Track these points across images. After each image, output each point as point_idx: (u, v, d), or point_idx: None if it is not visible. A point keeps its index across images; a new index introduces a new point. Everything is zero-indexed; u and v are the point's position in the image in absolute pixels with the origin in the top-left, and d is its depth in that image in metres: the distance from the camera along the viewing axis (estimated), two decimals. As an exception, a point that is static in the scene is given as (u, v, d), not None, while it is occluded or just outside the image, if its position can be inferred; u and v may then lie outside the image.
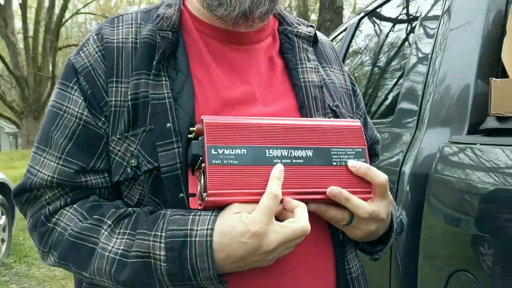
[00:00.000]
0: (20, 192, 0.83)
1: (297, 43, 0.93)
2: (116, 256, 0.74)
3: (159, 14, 0.85)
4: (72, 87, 0.84)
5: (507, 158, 1.00)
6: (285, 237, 0.70)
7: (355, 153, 0.79)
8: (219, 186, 0.71)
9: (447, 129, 1.33)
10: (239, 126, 0.76)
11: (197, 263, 0.70)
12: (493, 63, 1.29)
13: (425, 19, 1.67)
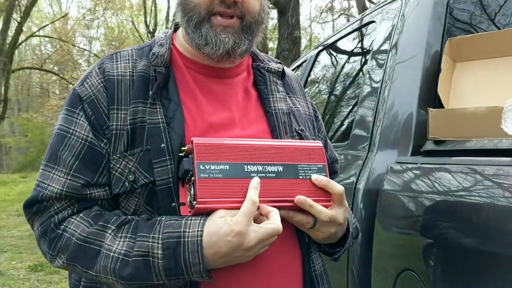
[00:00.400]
0: (31, 204, 0.95)
1: (268, 77, 1.11)
2: (120, 256, 0.87)
3: (154, 53, 1.01)
4: (78, 113, 0.97)
5: (443, 174, 1.20)
6: (262, 236, 0.85)
7: (317, 169, 0.96)
8: (207, 195, 0.87)
9: (394, 151, 1.53)
10: (222, 146, 0.91)
11: (189, 259, 0.84)
12: (431, 95, 1.50)
13: (377, 53, 1.89)
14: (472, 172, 1.10)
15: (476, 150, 1.18)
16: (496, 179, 1.02)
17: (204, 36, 0.96)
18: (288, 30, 7.20)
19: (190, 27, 0.98)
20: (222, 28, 0.96)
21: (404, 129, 1.55)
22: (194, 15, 0.97)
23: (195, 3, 0.97)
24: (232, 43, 0.97)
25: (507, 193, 0.97)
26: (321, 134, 1.19)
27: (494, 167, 1.04)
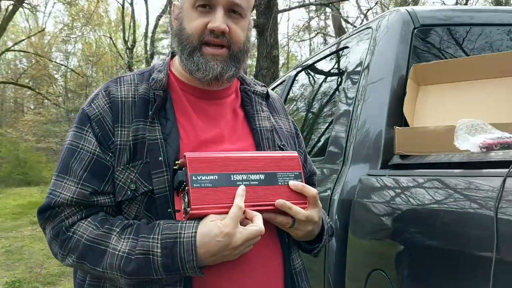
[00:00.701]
0: (45, 210, 1.07)
1: (254, 99, 1.26)
2: (124, 254, 0.99)
3: (153, 78, 1.15)
4: (87, 130, 1.10)
5: (407, 185, 1.37)
6: (247, 236, 0.98)
7: (294, 176, 1.10)
8: (199, 202, 1.00)
9: (366, 164, 1.70)
10: (211, 159, 1.05)
11: (184, 257, 0.97)
12: (398, 115, 1.68)
13: (351, 73, 2.06)
14: (432, 182, 1.27)
15: (435, 163, 1.35)
16: (451, 188, 1.19)
17: (196, 63, 1.11)
18: (267, 49, 7.42)
19: (184, 55, 1.12)
20: (212, 57, 1.11)
21: (374, 145, 1.72)
22: (188, 44, 1.11)
23: (188, 34, 1.11)
24: (220, 70, 1.12)
25: (460, 200, 1.14)
26: (301, 149, 1.34)
27: (449, 178, 1.21)
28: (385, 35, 1.89)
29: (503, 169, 1.02)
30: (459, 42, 1.86)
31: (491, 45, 1.86)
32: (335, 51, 2.44)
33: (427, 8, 2.01)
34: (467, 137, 1.20)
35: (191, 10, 1.11)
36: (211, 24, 1.08)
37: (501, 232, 0.94)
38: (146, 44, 21.42)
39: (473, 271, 1.06)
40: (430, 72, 1.69)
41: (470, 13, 1.96)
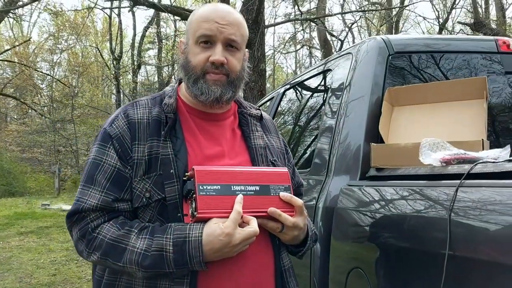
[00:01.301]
0: (73, 214, 1.26)
1: (250, 120, 1.47)
2: (142, 251, 1.18)
3: (165, 103, 1.35)
4: (109, 147, 1.30)
5: (381, 194, 1.59)
6: (244, 236, 1.18)
7: (284, 188, 1.30)
8: (205, 208, 1.20)
9: (347, 176, 1.91)
10: (215, 172, 1.25)
11: (192, 253, 1.16)
12: (374, 131, 1.90)
13: (334, 93, 2.28)
14: (402, 192, 1.48)
15: (404, 175, 1.57)
16: (417, 196, 1.41)
17: (200, 88, 1.32)
18: (254, 63, 7.65)
19: (190, 83, 1.33)
20: (213, 82, 1.32)
21: (354, 158, 1.93)
22: (193, 74, 1.32)
23: (193, 66, 1.32)
24: (220, 93, 1.32)
25: (425, 206, 1.35)
26: (290, 164, 1.55)
27: (416, 187, 1.43)
28: (363, 60, 2.12)
29: (457, 180, 1.24)
30: (428, 68, 2.10)
31: (455, 70, 2.09)
32: (318, 73, 2.67)
33: (400, 36, 2.25)
34: (429, 154, 1.42)
35: (195, 45, 1.32)
36: (212, 57, 1.29)
37: (453, 233, 1.16)
38: (133, 55, 21.53)
39: (431, 266, 1.27)
40: (403, 95, 1.92)
41: (438, 41, 2.21)
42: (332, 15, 14.21)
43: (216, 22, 1.29)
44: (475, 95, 1.75)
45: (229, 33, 1.30)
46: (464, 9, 19.04)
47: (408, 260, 1.36)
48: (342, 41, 14.22)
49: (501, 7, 17.02)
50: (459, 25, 17.21)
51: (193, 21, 1.34)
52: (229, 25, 1.30)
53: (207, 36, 1.29)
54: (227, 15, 1.31)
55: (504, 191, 1.10)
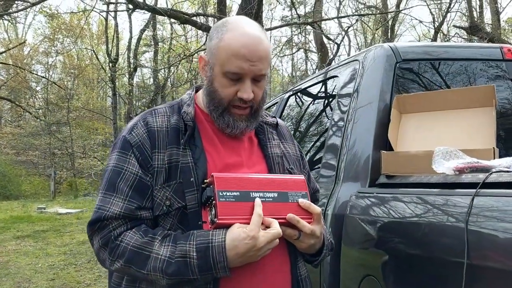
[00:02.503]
0: (94, 223, 1.26)
1: (266, 128, 1.48)
2: (166, 258, 1.19)
3: (185, 111, 1.35)
4: (130, 155, 1.30)
5: (393, 201, 1.60)
6: (269, 238, 1.18)
7: (301, 195, 1.31)
8: (225, 214, 1.20)
9: (356, 183, 1.93)
10: (234, 179, 1.25)
11: (216, 258, 1.17)
12: (383, 139, 1.91)
13: (341, 100, 2.29)
14: (414, 199, 1.50)
15: (417, 183, 1.58)
16: (430, 204, 1.42)
17: (226, 122, 1.33)
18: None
19: (216, 114, 1.33)
20: (238, 117, 1.33)
21: (363, 165, 1.95)
22: (220, 106, 1.32)
23: (220, 98, 1.31)
24: (245, 127, 1.35)
25: (439, 214, 1.37)
26: (305, 170, 1.56)
27: (429, 195, 1.44)
28: (371, 67, 2.14)
29: (472, 189, 1.26)
30: (435, 75, 2.12)
31: (461, 78, 2.12)
32: (324, 79, 2.69)
33: (407, 44, 2.27)
34: (442, 162, 1.44)
35: (222, 76, 1.30)
36: (241, 94, 1.29)
37: (470, 241, 1.17)
38: (129, 57, 21.48)
39: (448, 274, 1.29)
40: (411, 102, 1.94)
41: (444, 48, 2.23)
42: (330, 19, 14.28)
43: (248, 59, 1.26)
44: (484, 103, 1.77)
45: (258, 69, 1.28)
46: (459, 12, 19.18)
47: (424, 268, 1.38)
48: (339, 44, 14.22)
49: (496, 11, 17.13)
50: (455, 29, 17.33)
51: (221, 49, 1.29)
52: (259, 61, 1.28)
53: (237, 74, 1.28)
54: (257, 49, 1.27)
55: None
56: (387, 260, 1.56)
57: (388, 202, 1.63)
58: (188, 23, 7.39)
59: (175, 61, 15.60)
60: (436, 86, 2.09)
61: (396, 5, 18.38)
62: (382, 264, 1.58)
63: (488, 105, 1.75)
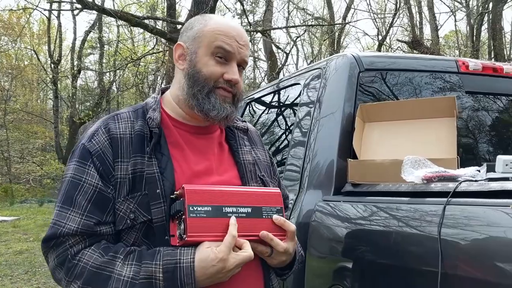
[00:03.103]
0: (49, 239, 1.16)
1: (237, 134, 1.43)
2: (129, 279, 1.10)
3: (150, 117, 1.27)
4: (89, 165, 1.20)
5: (360, 209, 1.60)
6: (240, 261, 1.12)
7: (276, 210, 1.26)
8: (195, 231, 1.13)
9: (320, 191, 1.92)
10: (207, 192, 1.18)
11: (184, 280, 1.10)
12: (348, 148, 1.92)
13: (305, 105, 2.28)
14: (383, 208, 1.50)
15: (384, 192, 1.59)
16: (399, 213, 1.43)
17: (212, 104, 1.25)
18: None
19: (202, 94, 1.26)
20: (224, 99, 1.27)
21: (327, 174, 1.94)
22: (205, 85, 1.25)
23: (206, 77, 1.25)
24: (230, 111, 1.28)
25: (409, 222, 1.37)
26: (275, 176, 1.52)
27: (397, 204, 1.45)
28: (334, 76, 2.15)
29: (441, 198, 1.27)
30: (396, 85, 2.16)
31: (421, 88, 2.17)
32: (284, 87, 2.67)
33: (369, 54, 2.31)
34: (412, 171, 1.45)
35: (208, 56, 1.25)
36: (229, 75, 1.25)
37: (444, 250, 1.18)
38: (72, 59, 20.70)
39: (419, 283, 1.29)
40: (374, 111, 1.96)
41: (404, 60, 2.28)
42: (281, 28, 14.45)
43: (236, 40, 1.26)
44: (445, 113, 1.81)
45: (245, 54, 1.28)
46: (401, 27, 20.07)
47: (393, 277, 1.37)
48: (288, 54, 14.44)
49: (435, 27, 18.08)
50: (398, 42, 18.08)
51: (207, 31, 1.27)
52: (245, 46, 1.28)
53: (227, 51, 1.25)
54: (243, 35, 1.29)
55: (491, 210, 1.14)
56: (355, 269, 1.55)
57: (356, 210, 1.63)
58: (139, 25, 7.19)
59: (121, 65, 15.18)
60: (398, 95, 2.12)
61: (343, 17, 18.95)
62: (349, 273, 1.57)
63: (449, 116, 1.80)
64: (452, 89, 2.20)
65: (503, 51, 15.39)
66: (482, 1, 16.82)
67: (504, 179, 1.29)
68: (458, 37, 22.87)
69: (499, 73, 2.29)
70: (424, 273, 1.26)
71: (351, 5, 18.41)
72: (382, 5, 20.24)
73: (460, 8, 19.64)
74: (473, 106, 2.24)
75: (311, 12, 23.71)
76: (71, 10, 11.30)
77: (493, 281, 1.07)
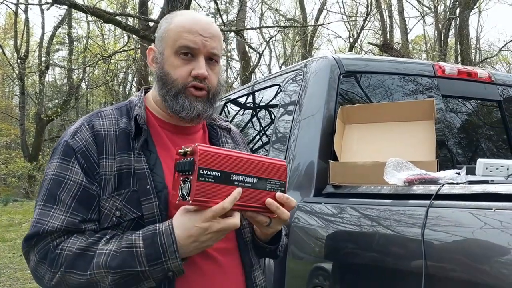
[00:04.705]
0: (31, 238, 1.12)
1: (220, 133, 1.42)
2: (111, 252, 1.08)
3: (138, 114, 1.25)
4: (73, 162, 1.18)
5: (342, 211, 1.61)
6: (224, 225, 1.09)
7: (280, 184, 1.22)
8: (200, 195, 1.08)
9: (301, 192, 1.92)
10: (218, 156, 1.12)
11: (165, 242, 1.06)
12: (328, 149, 1.93)
13: (285, 107, 2.28)
14: (365, 209, 1.51)
15: (366, 193, 1.60)
16: (381, 215, 1.44)
17: (181, 104, 1.24)
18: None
19: (170, 96, 1.24)
20: (195, 98, 1.25)
21: (307, 175, 1.95)
22: (173, 88, 1.24)
23: (174, 79, 1.24)
24: (201, 109, 1.26)
25: (390, 225, 1.39)
26: None
27: (380, 206, 1.46)
28: (314, 78, 2.16)
29: (425, 200, 1.29)
30: (376, 87, 2.19)
31: (400, 91, 2.21)
32: (264, 88, 2.67)
33: (349, 56, 2.33)
34: (394, 173, 1.47)
35: (174, 56, 1.24)
36: (196, 71, 1.23)
37: (428, 252, 1.20)
38: (40, 55, 20.13)
39: (401, 284, 1.31)
40: (354, 113, 1.98)
41: (384, 63, 2.31)
42: (255, 28, 14.46)
43: (200, 34, 1.23)
44: (424, 116, 1.84)
45: (211, 47, 1.25)
46: (372, 30, 20.40)
47: (376, 279, 1.39)
48: (261, 54, 14.49)
49: (405, 31, 18.46)
50: (369, 45, 18.37)
51: (171, 30, 1.26)
52: (212, 38, 1.25)
53: (190, 48, 1.23)
54: (209, 27, 1.26)
55: (474, 212, 1.16)
56: (336, 271, 1.56)
57: (337, 212, 1.64)
58: (111, 22, 7.05)
59: (92, 62, 14.87)
60: (377, 98, 2.15)
61: (315, 19, 19.13)
62: (331, 274, 1.57)
63: (428, 119, 1.83)
64: (430, 93, 2.25)
65: (470, 56, 15.86)
66: (450, 7, 17.30)
67: (485, 182, 1.32)
68: (426, 41, 23.43)
69: (473, 78, 2.35)
70: (408, 274, 1.28)
71: (323, 7, 18.61)
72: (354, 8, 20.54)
73: (429, 13, 20.14)
74: (448, 109, 2.29)
75: (284, 13, 23.85)
76: (40, 4, 11.01)
77: (476, 282, 1.09)
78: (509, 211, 1.07)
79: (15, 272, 6.26)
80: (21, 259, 6.82)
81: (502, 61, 22.80)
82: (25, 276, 5.93)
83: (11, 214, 12.68)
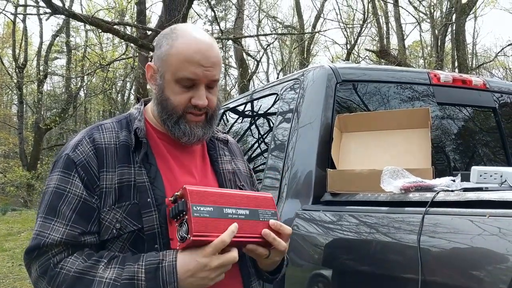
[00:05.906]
0: (32, 250, 1.14)
1: (217, 144, 1.45)
2: (111, 281, 1.09)
3: (138, 127, 1.28)
4: (73, 175, 1.20)
5: (340, 218, 1.63)
6: (223, 261, 1.11)
7: (271, 213, 1.26)
8: (199, 230, 1.11)
9: (299, 200, 1.94)
10: (207, 193, 1.17)
11: (167, 279, 1.09)
12: (326, 157, 1.95)
13: (283, 115, 2.31)
14: (362, 217, 1.54)
15: (363, 201, 1.63)
16: (378, 222, 1.47)
17: (182, 131, 1.27)
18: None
19: (171, 123, 1.27)
20: (195, 124, 1.28)
21: (305, 183, 1.97)
22: (173, 114, 1.26)
23: (174, 105, 1.26)
24: (202, 134, 1.30)
25: (387, 232, 1.41)
26: (255, 188, 1.54)
27: (377, 213, 1.49)
28: (312, 87, 2.19)
29: (420, 207, 1.31)
30: (373, 96, 2.22)
31: (396, 99, 2.24)
32: (261, 96, 2.70)
33: (346, 65, 2.36)
34: (390, 181, 1.50)
35: (174, 83, 1.25)
36: (196, 101, 1.25)
37: (423, 258, 1.22)
38: (39, 64, 20.18)
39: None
40: (351, 122, 2.01)
41: (379, 71, 2.35)
42: (252, 36, 14.53)
43: (201, 65, 1.23)
44: (420, 124, 1.87)
45: (212, 75, 1.26)
46: (369, 37, 20.50)
47: (373, 284, 1.41)
48: (258, 61, 14.53)
49: (402, 37, 18.56)
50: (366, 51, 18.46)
51: (172, 55, 1.25)
52: (213, 67, 1.25)
53: (191, 80, 1.24)
54: (210, 54, 1.25)
55: (468, 219, 1.19)
56: (335, 278, 1.58)
57: (335, 219, 1.66)
58: (110, 31, 7.10)
59: (90, 70, 14.91)
60: (374, 106, 2.18)
61: (312, 26, 19.23)
62: (329, 282, 1.59)
63: (423, 126, 1.86)
64: (425, 100, 2.28)
65: (466, 61, 15.95)
66: (446, 13, 17.41)
67: (479, 189, 1.35)
68: (423, 48, 23.55)
69: (468, 85, 2.38)
70: (404, 280, 1.30)
71: (320, 15, 18.70)
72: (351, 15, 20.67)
73: (425, 19, 20.25)
74: (443, 116, 2.32)
75: (281, 21, 23.97)
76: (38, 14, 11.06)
77: (470, 287, 1.12)
78: (503, 218, 1.10)
79: (14, 281, 6.25)
80: (20, 269, 6.82)
81: (499, 66, 22.92)
82: (24, 285, 5.92)
83: (9, 223, 12.65)
